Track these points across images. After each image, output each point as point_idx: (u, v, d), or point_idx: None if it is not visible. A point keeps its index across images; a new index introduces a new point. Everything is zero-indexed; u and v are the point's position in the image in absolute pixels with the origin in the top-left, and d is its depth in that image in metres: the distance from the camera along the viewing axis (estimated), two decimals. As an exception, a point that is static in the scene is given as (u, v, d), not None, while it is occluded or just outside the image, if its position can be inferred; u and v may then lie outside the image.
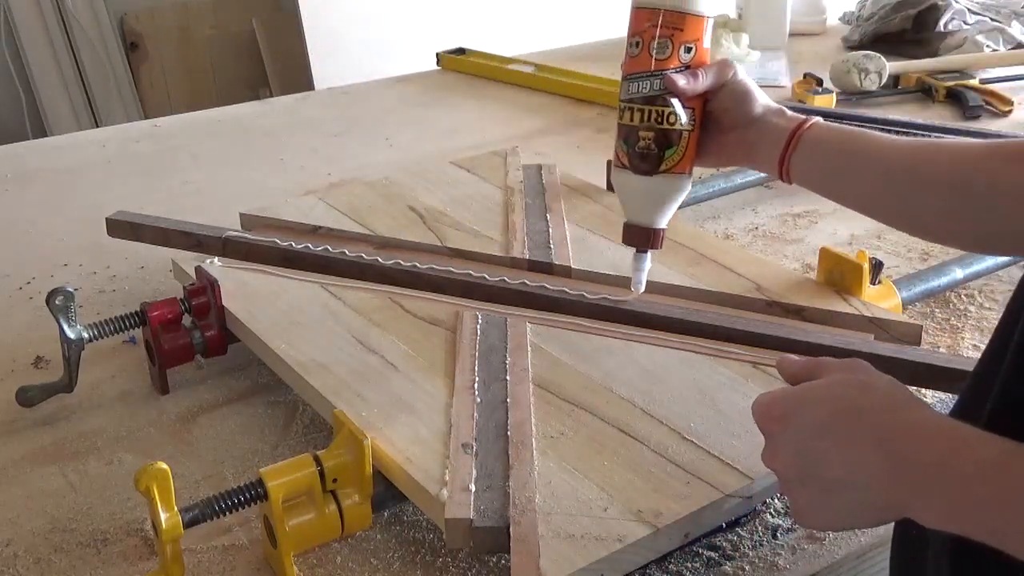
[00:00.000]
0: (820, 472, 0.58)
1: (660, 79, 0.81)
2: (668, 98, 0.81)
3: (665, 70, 0.81)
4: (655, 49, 0.81)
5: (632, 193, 0.86)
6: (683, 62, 0.81)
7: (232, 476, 0.88)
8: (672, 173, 0.83)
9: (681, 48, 0.81)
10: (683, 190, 0.86)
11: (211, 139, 1.88)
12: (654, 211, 0.86)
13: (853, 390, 0.60)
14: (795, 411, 0.61)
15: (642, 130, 0.82)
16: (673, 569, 0.74)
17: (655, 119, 0.82)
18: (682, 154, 0.83)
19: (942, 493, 0.53)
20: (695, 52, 0.82)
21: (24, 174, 1.72)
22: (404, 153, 1.75)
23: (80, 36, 3.46)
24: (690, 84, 0.81)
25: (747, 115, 0.84)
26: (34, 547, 0.81)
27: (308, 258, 1.10)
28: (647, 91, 0.82)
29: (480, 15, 3.43)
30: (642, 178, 0.84)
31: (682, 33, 0.81)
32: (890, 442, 0.56)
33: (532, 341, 0.94)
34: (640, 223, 0.87)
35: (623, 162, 0.85)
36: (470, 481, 0.74)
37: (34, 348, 1.11)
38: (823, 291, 1.01)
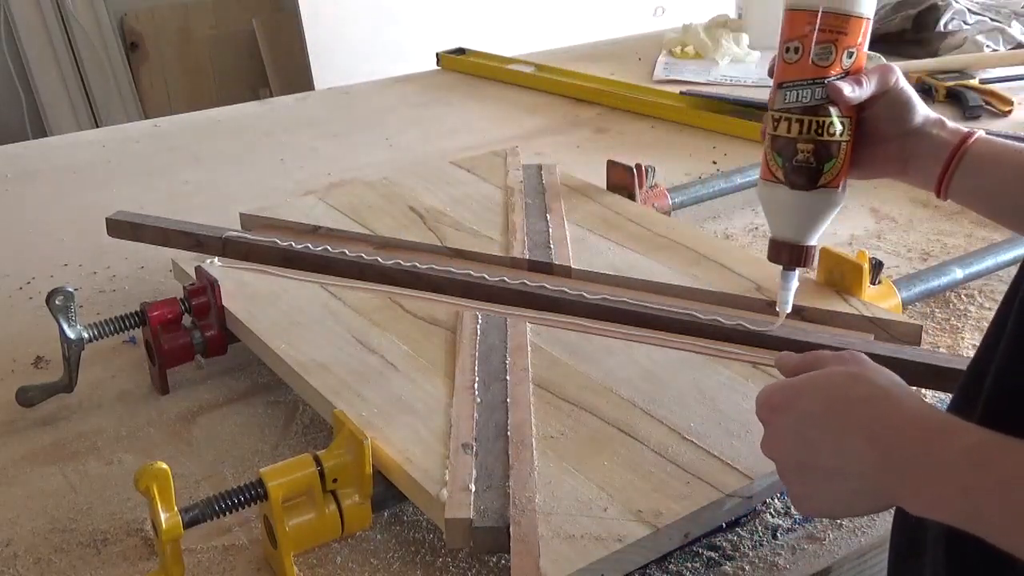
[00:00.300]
0: (814, 461, 0.60)
1: (822, 87, 0.76)
2: (828, 107, 0.76)
3: (826, 77, 0.76)
4: (816, 54, 0.76)
5: (785, 209, 0.80)
6: (845, 68, 0.76)
7: (232, 476, 0.88)
8: (829, 187, 0.78)
9: (844, 53, 0.76)
10: (838, 205, 0.80)
11: (211, 139, 1.88)
12: (808, 228, 0.80)
13: (845, 381, 0.61)
14: (791, 401, 0.62)
15: (800, 142, 0.77)
16: (673, 569, 0.74)
17: (815, 130, 0.77)
18: (840, 167, 0.78)
19: (926, 481, 0.54)
20: (856, 57, 0.77)
21: (24, 174, 1.72)
22: (404, 153, 1.75)
23: (80, 36, 3.46)
24: (855, 92, 0.76)
25: (906, 126, 0.78)
26: (34, 547, 0.81)
27: (308, 258, 1.10)
28: (807, 100, 0.77)
29: (480, 15, 3.43)
30: (798, 193, 0.78)
31: (845, 37, 0.76)
32: (878, 432, 0.57)
33: (532, 341, 0.94)
34: (791, 240, 0.81)
35: (777, 176, 0.79)
36: (470, 481, 0.74)
37: (34, 348, 1.11)
38: (823, 291, 1.01)
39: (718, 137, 1.74)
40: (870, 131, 0.79)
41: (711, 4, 2.62)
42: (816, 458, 0.60)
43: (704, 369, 0.89)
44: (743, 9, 2.37)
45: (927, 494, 0.54)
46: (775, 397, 0.64)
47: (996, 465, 0.51)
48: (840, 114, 0.77)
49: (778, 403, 0.63)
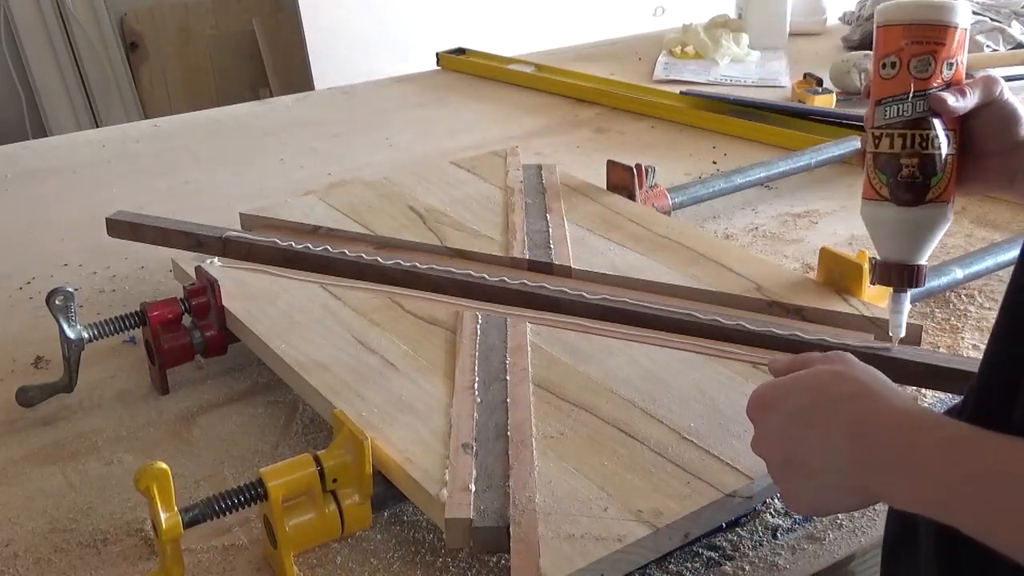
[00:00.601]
0: (801, 458, 0.61)
1: (924, 100, 0.75)
2: (932, 120, 0.75)
3: (928, 90, 0.75)
4: (915, 67, 0.75)
5: (893, 227, 0.78)
6: (945, 80, 0.75)
7: (232, 476, 0.88)
8: (938, 203, 0.76)
9: (944, 64, 0.75)
10: (948, 220, 0.78)
11: (211, 139, 1.88)
12: (917, 246, 0.78)
13: (831, 379, 0.63)
14: (778, 400, 0.64)
15: (904, 157, 0.75)
16: (673, 569, 0.74)
17: (919, 144, 0.75)
18: (948, 181, 0.76)
19: (904, 475, 0.55)
20: (956, 68, 0.76)
21: (24, 174, 1.72)
22: (404, 153, 1.75)
23: (80, 36, 3.46)
24: (959, 102, 0.74)
25: (1012, 139, 0.76)
26: (34, 547, 0.81)
27: (308, 258, 1.10)
28: (908, 114, 0.75)
29: (480, 15, 3.43)
30: (906, 210, 0.76)
31: (943, 48, 0.74)
32: (859, 428, 0.58)
33: (532, 341, 0.94)
34: (901, 260, 0.79)
35: (882, 194, 0.77)
36: (470, 481, 0.74)
37: (34, 348, 1.11)
38: (823, 291, 1.01)
39: (718, 137, 1.74)
40: (976, 144, 0.78)
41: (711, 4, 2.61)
42: (803, 455, 0.61)
43: (704, 369, 0.89)
44: (743, 9, 2.37)
45: (906, 488, 0.55)
46: (763, 396, 0.65)
47: (971, 458, 0.52)
48: (944, 126, 0.75)
49: (766, 402, 0.65)
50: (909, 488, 0.55)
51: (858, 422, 0.59)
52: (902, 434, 0.56)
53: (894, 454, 0.56)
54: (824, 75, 1.93)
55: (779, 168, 1.46)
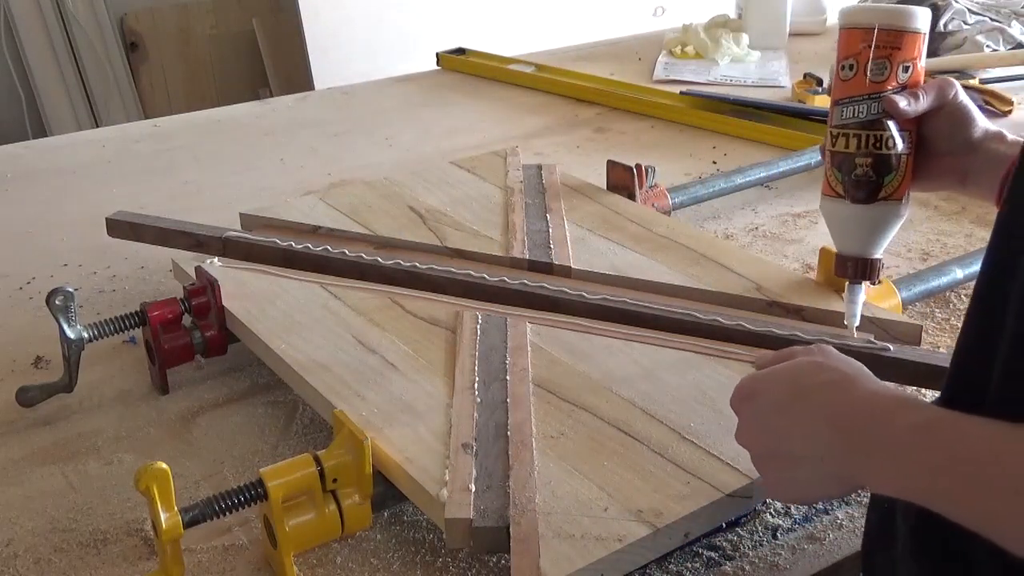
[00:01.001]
0: (782, 447, 0.63)
1: (878, 102, 0.77)
2: (885, 121, 0.78)
3: (883, 92, 0.77)
4: (872, 71, 0.77)
5: (847, 223, 0.82)
6: (900, 82, 0.78)
7: (232, 476, 0.88)
8: (890, 200, 0.80)
9: (899, 68, 0.77)
10: (901, 217, 0.82)
11: (211, 139, 1.88)
12: (872, 241, 0.82)
13: (809, 369, 0.64)
14: (759, 391, 0.65)
15: (859, 156, 0.79)
16: (673, 569, 0.74)
17: (873, 144, 0.78)
18: (900, 180, 0.79)
19: (881, 459, 0.56)
20: (912, 71, 0.78)
21: (24, 174, 1.72)
22: (404, 153, 1.75)
23: (80, 36, 3.46)
24: (911, 105, 0.77)
25: (966, 139, 0.79)
26: (34, 547, 0.81)
27: (308, 258, 1.10)
28: (864, 115, 0.78)
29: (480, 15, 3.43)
30: (860, 207, 0.80)
31: (900, 52, 0.77)
32: (837, 415, 0.59)
33: (532, 341, 0.94)
34: (855, 254, 0.83)
35: (838, 191, 0.81)
36: (470, 481, 0.74)
37: (34, 348, 1.11)
38: (823, 291, 1.01)
39: (718, 137, 1.74)
40: (930, 144, 0.80)
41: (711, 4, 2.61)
42: (784, 444, 0.63)
43: (704, 369, 0.89)
44: (743, 9, 2.37)
45: (886, 473, 0.56)
46: (745, 388, 0.67)
47: (949, 442, 0.53)
48: (898, 128, 0.78)
49: (747, 393, 0.66)
50: (889, 473, 0.56)
51: (837, 409, 0.60)
52: (881, 419, 0.57)
53: (873, 440, 0.57)
54: (824, 75, 1.93)
55: (779, 168, 1.46)
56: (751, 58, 2.20)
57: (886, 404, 0.58)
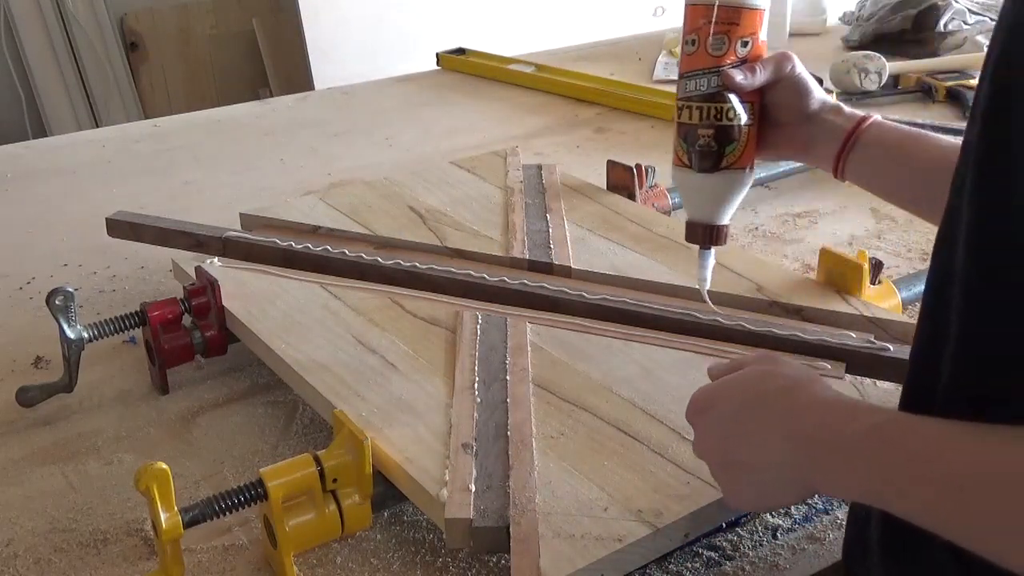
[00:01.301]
0: (737, 456, 0.64)
1: (717, 75, 0.80)
2: (726, 94, 0.80)
3: (722, 66, 0.80)
4: (711, 45, 0.80)
5: (694, 191, 0.85)
6: (740, 57, 0.80)
7: (232, 476, 0.88)
8: (733, 169, 0.82)
9: (738, 43, 0.80)
10: (745, 185, 0.84)
11: (211, 139, 1.88)
12: (716, 208, 0.84)
13: (759, 378, 0.65)
14: (711, 403, 0.66)
15: (701, 128, 0.81)
16: (673, 569, 0.74)
17: (714, 116, 0.80)
18: (742, 150, 0.82)
19: (832, 463, 0.57)
20: (752, 46, 0.81)
21: (24, 174, 1.72)
22: (404, 153, 1.75)
23: (80, 36, 3.46)
24: (747, 79, 0.80)
25: (804, 110, 0.83)
26: (34, 547, 0.81)
27: (308, 258, 1.10)
28: (705, 88, 0.80)
29: (480, 15, 3.43)
30: (703, 175, 0.82)
31: (738, 27, 0.80)
32: (788, 422, 0.61)
33: (532, 341, 0.94)
34: (703, 220, 0.85)
35: (684, 161, 0.83)
36: (470, 481, 0.74)
37: (34, 348, 1.11)
38: (823, 291, 1.01)
39: (718, 137, 1.74)
40: (772, 116, 0.84)
41: (711, 4, 2.61)
42: (739, 453, 0.63)
43: (704, 369, 0.89)
44: (743, 9, 2.37)
45: (839, 477, 0.57)
46: (698, 400, 0.68)
47: (896, 444, 0.54)
48: (740, 100, 0.80)
49: (700, 405, 0.67)
50: (842, 476, 0.57)
51: (788, 416, 0.61)
52: (832, 424, 0.58)
53: (825, 444, 0.58)
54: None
55: (779, 168, 1.46)
56: (751, 58, 2.20)
57: (837, 409, 0.59)
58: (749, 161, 0.83)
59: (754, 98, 0.82)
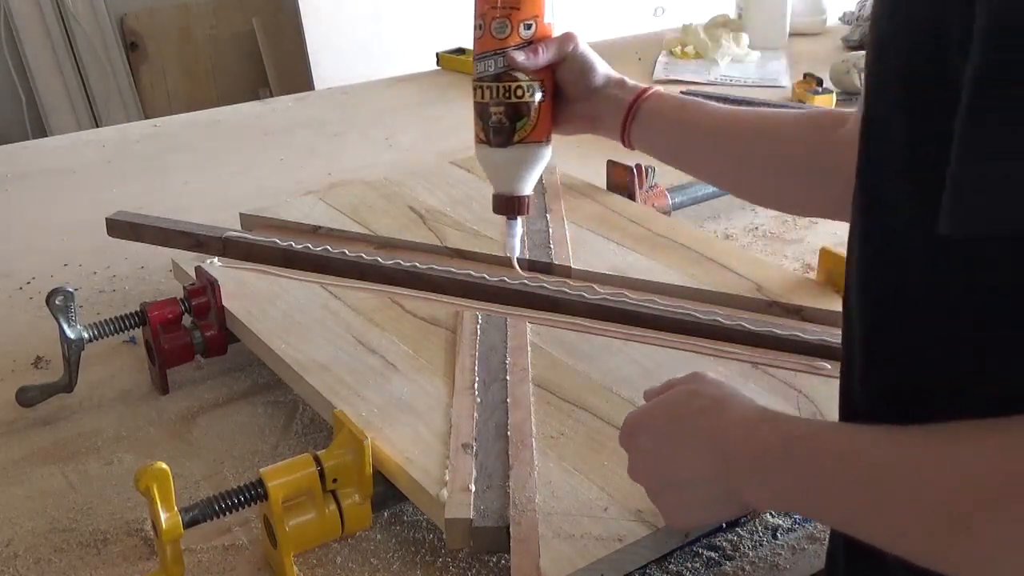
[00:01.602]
0: (669, 476, 0.65)
1: (503, 57, 0.85)
2: (514, 73, 0.85)
3: (506, 48, 0.84)
4: (495, 29, 0.85)
5: (493, 165, 0.89)
6: (524, 38, 0.85)
7: (232, 476, 0.88)
8: (526, 143, 0.87)
9: (520, 26, 0.85)
10: (541, 158, 0.89)
11: (211, 139, 1.88)
12: (515, 180, 0.89)
13: (684, 398, 0.66)
14: (640, 427, 0.68)
15: (492, 106, 0.86)
16: (673, 569, 0.74)
17: (503, 94, 0.85)
18: (534, 125, 0.86)
19: (759, 476, 0.58)
20: (535, 28, 0.86)
21: (24, 174, 1.72)
22: (404, 153, 1.75)
23: (80, 36, 3.46)
24: (530, 59, 0.85)
25: (589, 86, 0.88)
26: (34, 547, 0.81)
27: (308, 258, 1.10)
28: (493, 69, 0.85)
29: (480, 15, 3.42)
30: (498, 150, 0.87)
31: (519, 12, 0.85)
32: (714, 439, 0.62)
33: (532, 341, 0.94)
34: (505, 192, 0.89)
35: (481, 137, 0.88)
36: (470, 481, 0.74)
37: (34, 348, 1.11)
38: (823, 291, 1.01)
39: (718, 137, 1.74)
40: (562, 92, 0.89)
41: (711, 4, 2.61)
42: (671, 473, 0.65)
43: (704, 369, 0.89)
44: (743, 9, 2.37)
45: (759, 486, 0.59)
46: (627, 426, 0.68)
47: (803, 451, 0.56)
48: (528, 79, 0.85)
49: (630, 430, 0.68)
50: (763, 487, 0.58)
51: (713, 433, 0.62)
52: (750, 437, 0.60)
53: (747, 459, 0.59)
54: (824, 75, 1.93)
55: (779, 168, 1.45)
56: (751, 58, 2.20)
57: (754, 422, 0.60)
58: (542, 135, 0.87)
59: (543, 76, 0.86)
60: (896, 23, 0.52)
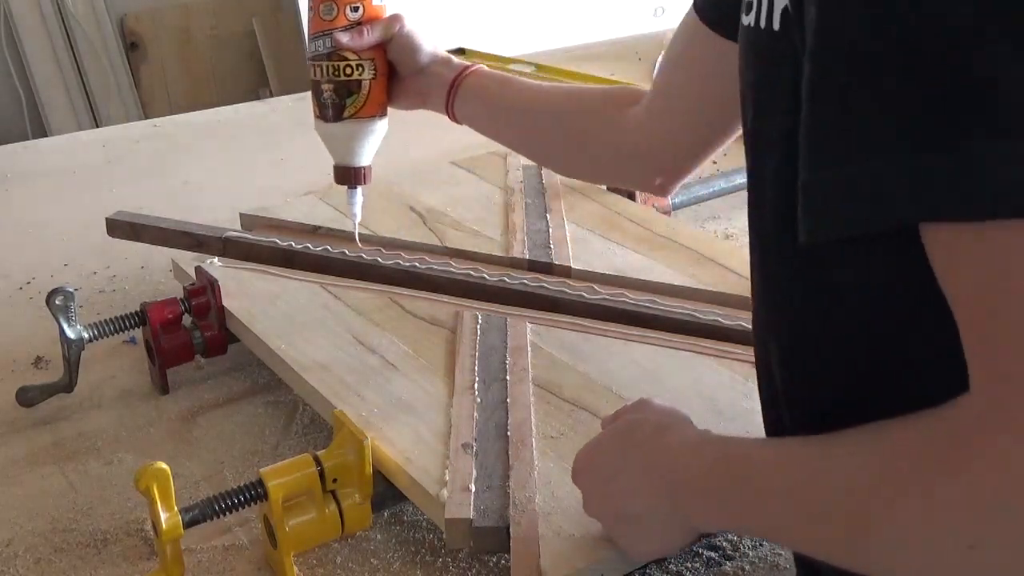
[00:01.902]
0: (624, 509, 0.65)
1: (330, 37, 0.89)
2: (343, 53, 0.89)
3: (334, 29, 0.89)
4: (323, 12, 0.89)
5: (329, 139, 0.94)
6: (352, 20, 0.89)
7: (232, 476, 0.88)
8: (357, 118, 0.91)
9: (347, 8, 0.89)
10: (372, 132, 0.93)
11: (211, 139, 1.88)
12: (349, 152, 0.93)
13: (628, 430, 0.67)
14: (590, 463, 0.68)
15: (324, 83, 0.90)
16: (673, 569, 0.74)
17: (332, 72, 0.90)
18: (364, 101, 0.91)
19: (697, 500, 0.59)
20: (363, 10, 0.89)
21: (24, 174, 1.72)
22: (404, 153, 1.75)
23: (80, 36, 3.45)
24: (354, 40, 0.89)
25: (416, 64, 0.92)
26: (34, 547, 0.81)
27: (308, 258, 1.10)
28: (323, 49, 0.90)
29: (480, 15, 3.43)
30: (332, 124, 0.92)
31: None
32: (658, 468, 0.62)
33: (532, 341, 0.94)
34: (342, 163, 0.94)
35: (316, 112, 0.93)
36: (470, 481, 0.74)
37: (34, 348, 1.11)
38: (823, 291, 1.01)
39: (718, 137, 1.74)
40: (395, 71, 0.93)
41: (711, 4, 2.61)
42: (624, 506, 0.64)
43: (704, 369, 0.89)
44: (743, 9, 2.36)
45: (703, 512, 0.59)
46: (578, 462, 0.69)
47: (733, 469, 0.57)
48: (358, 58, 0.89)
49: (580, 467, 0.69)
50: (707, 512, 0.59)
51: (657, 462, 0.63)
52: (688, 461, 0.60)
53: (687, 484, 0.60)
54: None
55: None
56: (751, 58, 2.20)
57: (692, 446, 0.61)
58: (374, 111, 0.92)
59: (374, 55, 0.90)
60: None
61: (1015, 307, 0.40)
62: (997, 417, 0.41)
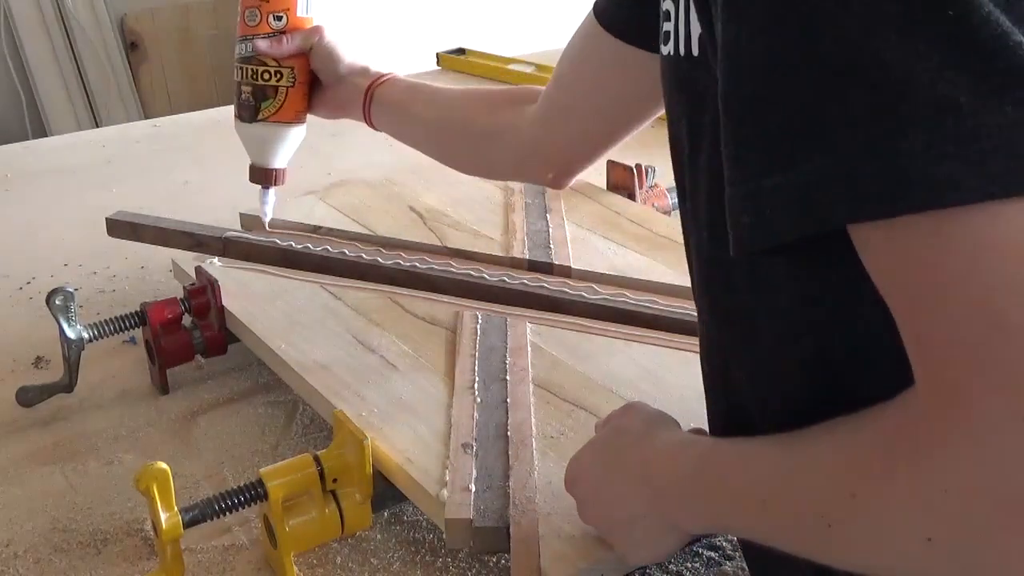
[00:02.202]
0: (616, 515, 0.65)
1: (251, 43, 0.92)
2: (262, 58, 0.92)
3: (256, 35, 0.92)
4: (247, 17, 0.93)
5: (244, 138, 0.97)
6: (274, 28, 0.93)
7: (232, 476, 0.88)
8: (270, 122, 0.94)
9: (270, 16, 0.92)
10: (286, 138, 0.96)
11: (211, 139, 1.87)
12: (263, 153, 0.96)
13: (613, 437, 0.68)
14: (580, 471, 0.68)
15: (243, 85, 0.94)
16: (673, 569, 0.74)
17: (250, 76, 0.93)
18: (279, 106, 0.94)
19: (682, 502, 0.60)
20: (286, 20, 0.93)
21: (24, 174, 1.72)
22: (404, 153, 1.75)
23: (80, 36, 3.45)
24: (273, 48, 0.92)
25: (334, 74, 0.94)
26: (34, 547, 0.81)
27: (308, 258, 1.10)
28: (244, 53, 0.93)
29: (480, 15, 3.43)
30: (245, 125, 0.95)
31: (268, 4, 0.92)
32: (644, 473, 0.63)
33: (532, 341, 0.94)
34: (257, 164, 0.97)
35: (235, 111, 0.96)
36: (470, 481, 0.74)
37: (34, 348, 1.11)
38: (823, 291, 1.01)
39: (718, 137, 1.73)
40: (317, 79, 0.96)
41: (711, 4, 2.61)
42: (616, 512, 0.65)
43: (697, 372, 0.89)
44: (743, 9, 2.36)
45: (688, 514, 0.60)
46: (569, 472, 0.69)
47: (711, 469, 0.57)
48: (277, 65, 0.93)
49: (571, 477, 0.69)
50: (692, 513, 0.59)
51: (643, 467, 0.63)
52: (672, 467, 0.61)
53: (672, 487, 0.60)
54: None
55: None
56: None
57: (674, 448, 0.62)
58: (289, 117, 0.95)
59: (295, 63, 0.94)
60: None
61: (942, 297, 0.40)
62: (940, 410, 0.41)
